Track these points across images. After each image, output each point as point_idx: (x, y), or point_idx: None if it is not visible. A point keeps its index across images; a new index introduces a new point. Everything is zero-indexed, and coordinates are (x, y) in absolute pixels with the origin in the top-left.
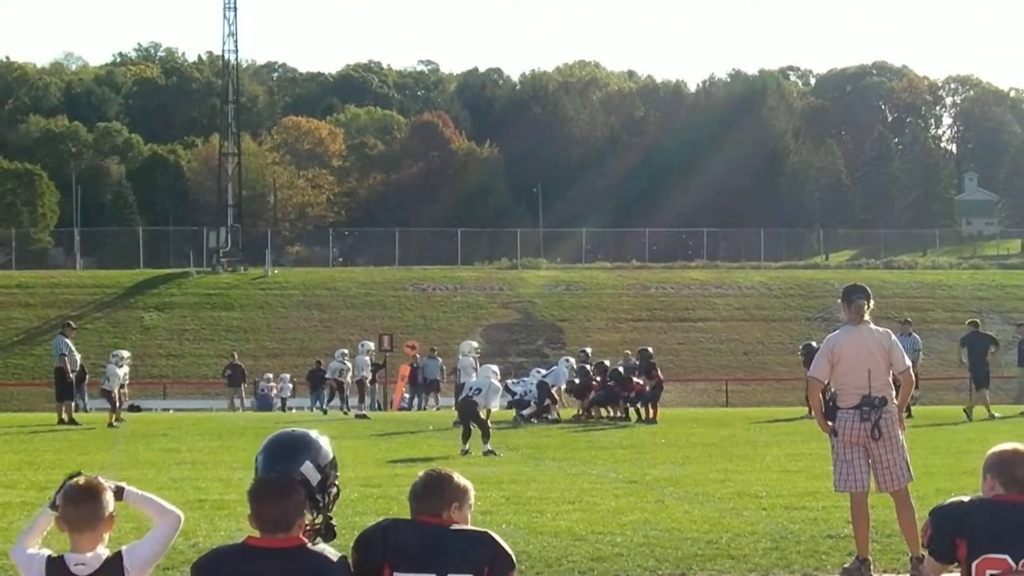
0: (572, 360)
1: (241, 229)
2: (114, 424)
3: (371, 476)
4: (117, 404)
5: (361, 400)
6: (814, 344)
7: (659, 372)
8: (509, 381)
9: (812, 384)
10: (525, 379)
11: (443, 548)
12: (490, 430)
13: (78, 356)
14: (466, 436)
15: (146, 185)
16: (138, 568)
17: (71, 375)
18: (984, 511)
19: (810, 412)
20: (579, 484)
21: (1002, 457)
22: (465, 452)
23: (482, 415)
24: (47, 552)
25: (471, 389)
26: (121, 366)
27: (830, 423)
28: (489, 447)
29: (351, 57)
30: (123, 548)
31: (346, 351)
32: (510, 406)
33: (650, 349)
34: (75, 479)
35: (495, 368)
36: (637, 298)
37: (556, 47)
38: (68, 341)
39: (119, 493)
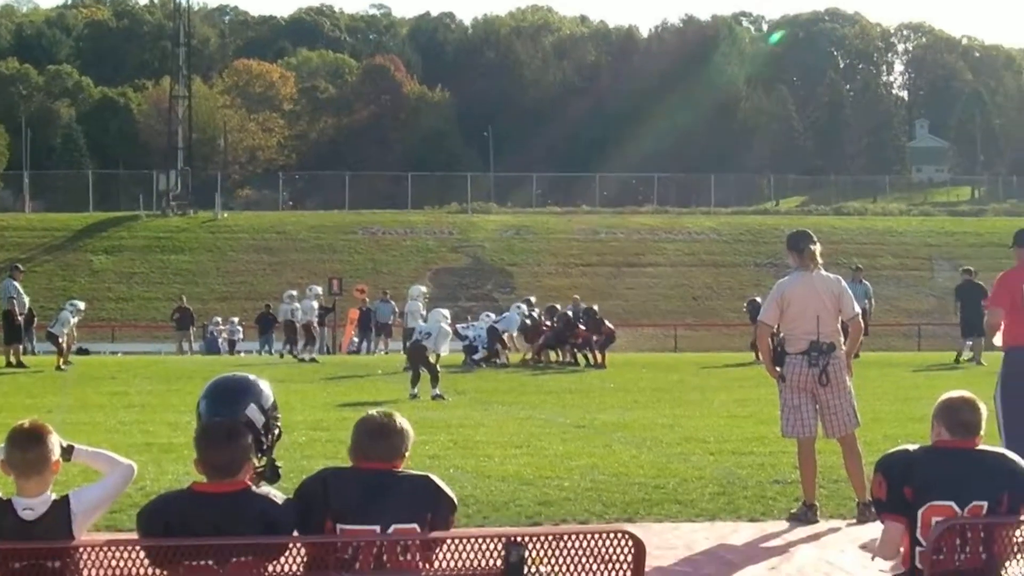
0: (524, 307)
1: (191, 172)
2: (62, 367)
3: (320, 420)
4: (65, 348)
5: (309, 344)
6: (758, 300)
7: (608, 325)
8: (459, 326)
9: (761, 329)
10: (475, 324)
11: (385, 496)
12: (439, 374)
13: (26, 299)
14: (415, 380)
15: (96, 128)
16: (85, 512)
17: (19, 318)
18: (929, 458)
19: (758, 358)
20: (527, 428)
21: (948, 403)
22: (414, 396)
23: (431, 359)
24: None
25: (421, 333)
26: (76, 316)
27: (778, 368)
28: (438, 391)
29: (303, 0)
30: (70, 492)
31: (295, 292)
32: (462, 351)
33: (595, 307)
34: (20, 423)
35: (445, 312)
36: (587, 243)
37: None
38: (16, 284)
39: (68, 452)
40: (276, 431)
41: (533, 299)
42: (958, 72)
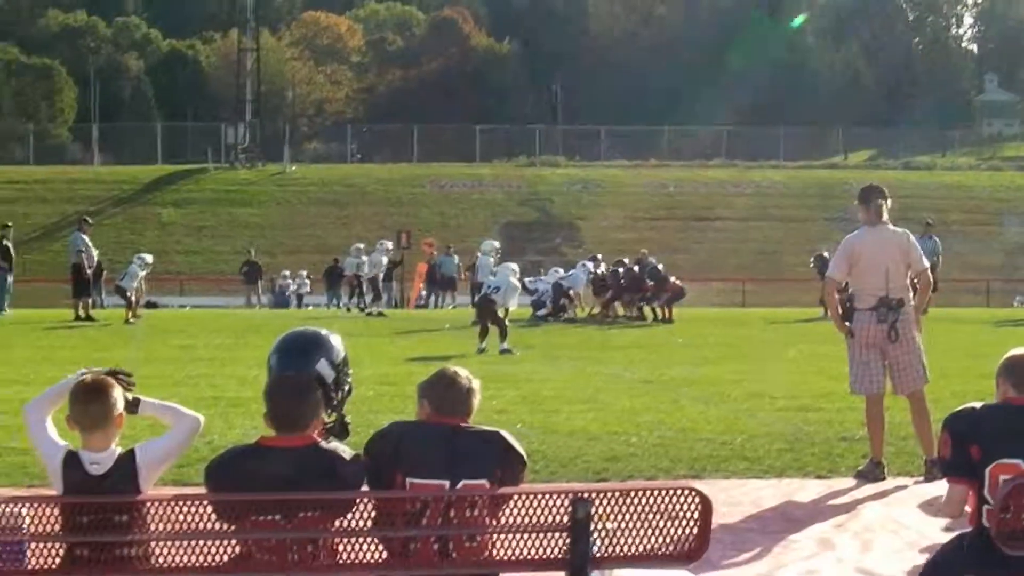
0: (590, 264)
1: (260, 125)
2: (130, 321)
3: (387, 374)
4: (133, 301)
5: (377, 298)
6: (826, 255)
7: (675, 281)
8: (527, 280)
9: (829, 285)
10: (543, 279)
11: (455, 451)
12: (507, 329)
13: (95, 252)
14: (483, 335)
15: (165, 81)
16: (150, 466)
17: (88, 271)
18: (996, 415)
19: (826, 313)
20: (594, 384)
21: (1013, 360)
22: (482, 351)
23: (500, 314)
24: (67, 446)
25: (490, 288)
26: (143, 269)
27: (847, 324)
28: (506, 346)
29: None
30: (136, 446)
31: (362, 246)
32: (530, 306)
33: (660, 265)
34: (83, 377)
35: (514, 267)
36: (655, 197)
37: None
38: (85, 237)
39: (135, 404)
40: (347, 387)
41: (600, 256)
42: None
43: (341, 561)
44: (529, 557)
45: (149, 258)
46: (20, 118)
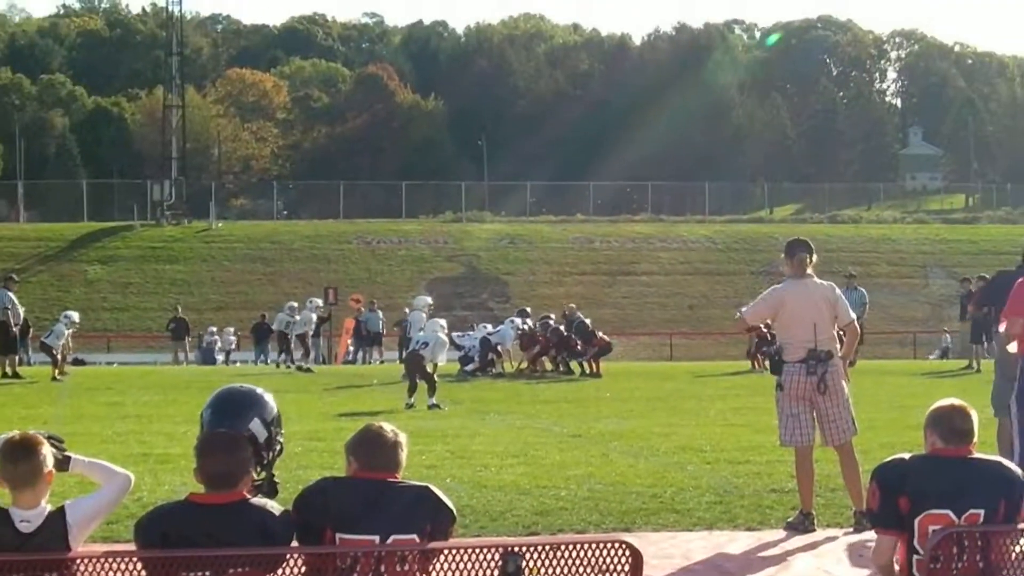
0: (518, 320)
1: (185, 182)
2: (58, 378)
3: (316, 430)
4: (59, 359)
5: (306, 354)
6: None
7: (602, 337)
8: (455, 334)
9: (739, 323)
10: (471, 334)
11: (385, 506)
12: (436, 384)
13: (21, 310)
14: (412, 390)
15: (90, 137)
16: (81, 524)
17: (14, 329)
18: (924, 466)
19: (754, 367)
20: (524, 438)
21: (940, 412)
22: (410, 406)
23: (429, 369)
24: None
25: (418, 343)
26: (70, 328)
27: (775, 377)
28: (434, 401)
29: (295, 9)
30: (66, 503)
31: (295, 304)
32: (458, 361)
33: (588, 320)
34: (11, 435)
35: (443, 322)
36: (582, 252)
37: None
38: (11, 295)
39: (65, 462)
40: (278, 447)
41: (528, 310)
42: (951, 79)
43: None
44: None
45: (75, 316)
46: None
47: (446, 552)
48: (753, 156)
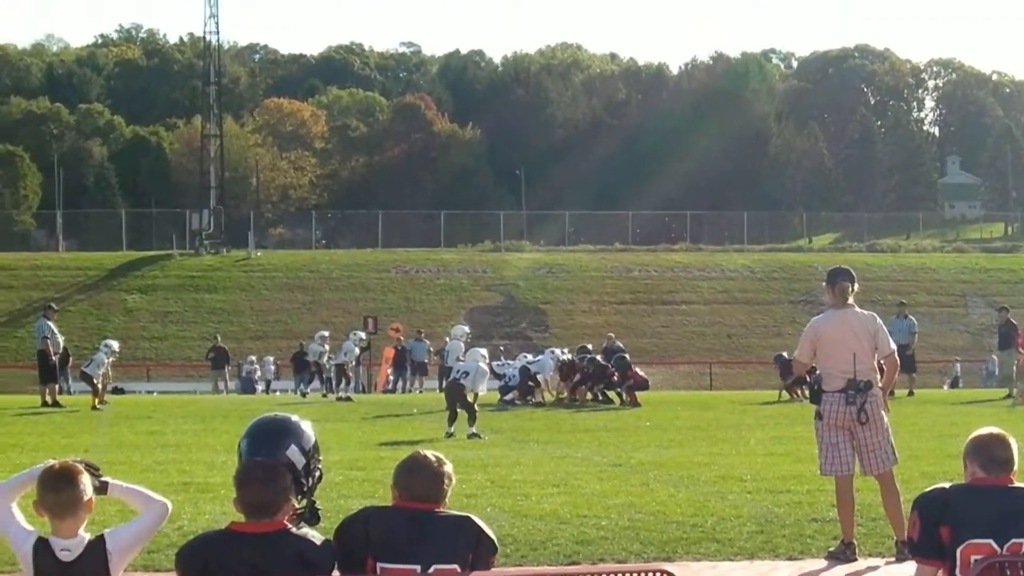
0: (558, 351)
1: (224, 211)
2: (98, 407)
3: (356, 459)
4: (100, 387)
5: (343, 384)
6: (785, 355)
7: (639, 372)
8: (495, 363)
9: (796, 367)
10: (511, 363)
11: (426, 536)
12: (476, 413)
13: (61, 339)
14: (452, 419)
15: (128, 167)
16: (121, 552)
17: (54, 357)
18: (966, 496)
19: (793, 396)
20: (564, 467)
21: (979, 441)
22: (450, 435)
23: (469, 398)
24: (37, 532)
25: (459, 372)
26: (110, 356)
27: (815, 406)
28: (474, 430)
29: (333, 39)
30: (106, 532)
31: (326, 333)
32: (498, 391)
33: (626, 355)
34: (51, 464)
35: (483, 352)
36: (620, 281)
37: (538, 29)
38: (51, 323)
39: (103, 488)
40: (317, 473)
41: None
42: (988, 108)
43: None
44: None
45: (115, 345)
46: None
47: None
48: (791, 185)
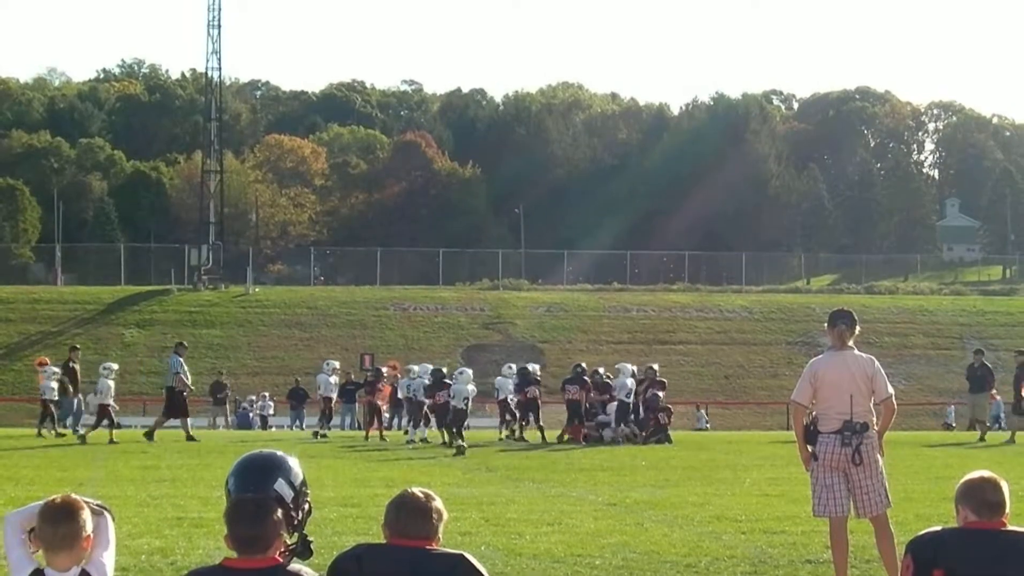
0: (515, 366)
1: (223, 247)
2: (115, 440)
3: (350, 496)
4: (114, 418)
5: (325, 419)
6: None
7: (661, 415)
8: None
9: (794, 409)
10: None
11: (417, 573)
12: (463, 438)
13: (188, 378)
14: (451, 440)
15: (128, 202)
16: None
17: (186, 392)
18: (958, 539)
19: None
20: (558, 506)
21: (971, 484)
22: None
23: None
24: (36, 564)
25: (464, 400)
26: (110, 377)
27: (810, 447)
28: (461, 443)
29: (334, 76)
30: (86, 564)
31: (336, 364)
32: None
33: (661, 395)
34: (53, 498)
35: (469, 372)
36: (618, 320)
37: (540, 68)
38: (182, 360)
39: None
40: (306, 507)
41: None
42: (988, 151)
43: None
44: None
45: (115, 365)
46: None
47: None
48: (790, 226)
